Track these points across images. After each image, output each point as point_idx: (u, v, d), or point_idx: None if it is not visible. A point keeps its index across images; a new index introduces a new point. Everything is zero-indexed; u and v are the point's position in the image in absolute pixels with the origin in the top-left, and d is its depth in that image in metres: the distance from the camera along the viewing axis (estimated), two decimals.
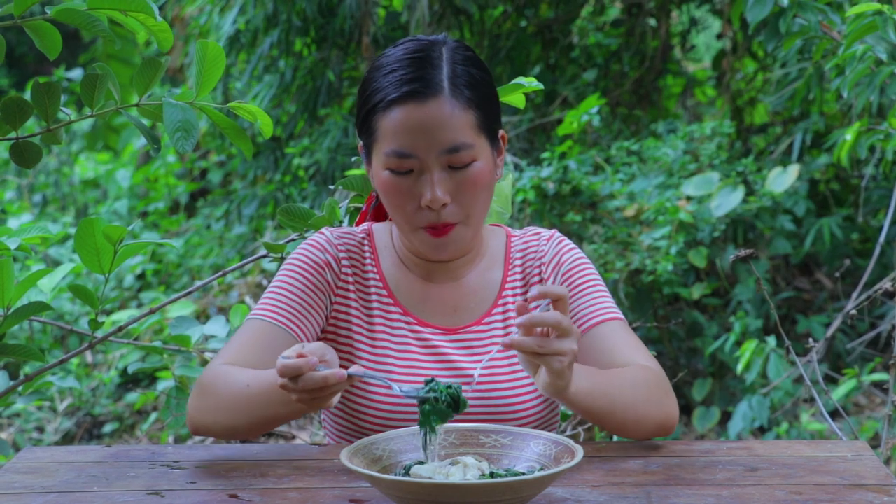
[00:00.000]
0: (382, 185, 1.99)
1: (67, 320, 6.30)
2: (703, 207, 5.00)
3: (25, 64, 11.48)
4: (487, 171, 1.99)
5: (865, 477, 1.82)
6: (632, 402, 1.95)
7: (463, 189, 1.97)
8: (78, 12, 2.07)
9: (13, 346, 2.37)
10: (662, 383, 2.02)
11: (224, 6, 6.08)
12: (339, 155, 5.92)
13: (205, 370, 2.02)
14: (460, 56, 1.99)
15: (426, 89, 1.93)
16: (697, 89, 7.07)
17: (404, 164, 1.96)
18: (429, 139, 1.93)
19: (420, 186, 1.96)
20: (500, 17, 6.45)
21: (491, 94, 2.01)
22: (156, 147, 2.26)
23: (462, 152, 1.95)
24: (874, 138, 3.57)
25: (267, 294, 2.07)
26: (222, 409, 1.94)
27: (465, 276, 2.12)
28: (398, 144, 1.95)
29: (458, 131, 1.94)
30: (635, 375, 2.00)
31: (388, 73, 1.96)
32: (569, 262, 2.12)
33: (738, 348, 4.64)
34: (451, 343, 2.07)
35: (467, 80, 1.96)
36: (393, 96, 1.94)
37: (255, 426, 1.93)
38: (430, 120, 1.93)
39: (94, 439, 5.66)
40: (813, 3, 3.28)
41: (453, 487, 1.60)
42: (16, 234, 2.44)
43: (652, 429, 2.00)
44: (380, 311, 2.09)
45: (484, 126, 1.98)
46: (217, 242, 7.06)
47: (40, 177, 8.49)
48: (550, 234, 2.16)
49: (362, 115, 2.00)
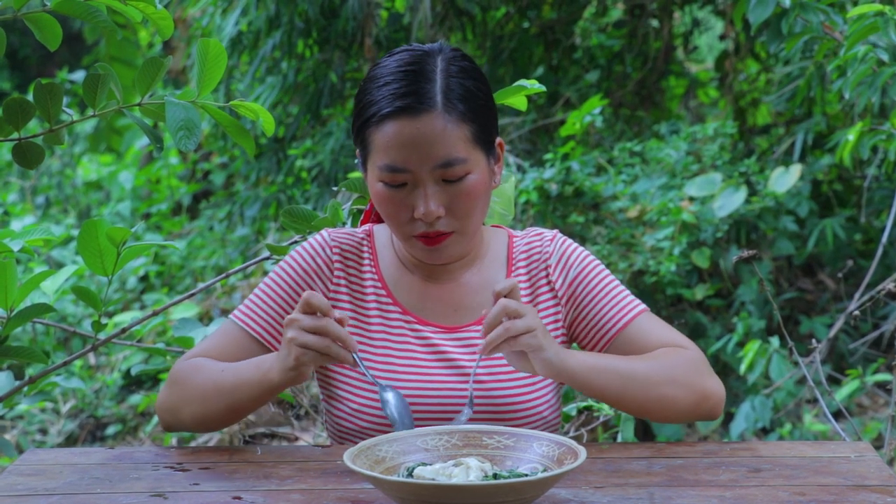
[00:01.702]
0: (377, 197, 2.00)
1: (70, 322, 6.31)
2: (705, 208, 5.00)
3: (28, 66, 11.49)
4: (482, 183, 1.99)
5: (869, 478, 1.82)
6: (651, 381, 1.96)
7: (457, 202, 1.97)
8: (78, 3, 2.07)
9: (16, 348, 2.37)
10: (695, 364, 2.00)
11: (226, 8, 6.08)
12: (342, 156, 5.92)
13: (175, 364, 2.07)
14: (455, 68, 1.97)
15: (419, 104, 1.93)
16: (700, 90, 7.07)
17: (397, 178, 1.96)
18: (421, 154, 1.93)
19: (413, 199, 1.96)
20: (502, 19, 6.44)
21: (486, 105, 2.00)
22: (158, 146, 2.26)
23: (456, 167, 1.94)
24: (876, 139, 3.57)
25: (252, 296, 2.11)
26: (195, 399, 2.00)
27: (466, 276, 2.12)
28: (391, 159, 1.94)
29: (451, 146, 1.94)
30: (659, 355, 2.00)
31: (382, 86, 1.95)
32: (576, 263, 2.12)
33: (741, 349, 4.64)
34: (452, 341, 2.07)
35: (461, 93, 1.95)
36: (386, 111, 1.93)
37: (226, 413, 1.99)
38: (422, 135, 1.93)
39: (97, 441, 5.66)
40: (815, 4, 3.28)
41: (456, 489, 1.60)
42: (19, 236, 2.44)
43: (685, 411, 1.99)
44: (378, 312, 2.10)
45: (478, 138, 1.97)
46: (220, 244, 7.06)
47: (43, 179, 8.49)
48: (553, 234, 2.16)
49: (357, 127, 2.01)
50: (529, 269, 2.14)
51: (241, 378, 1.97)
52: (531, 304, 2.07)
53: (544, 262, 2.14)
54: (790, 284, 5.63)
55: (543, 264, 2.14)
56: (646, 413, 2.00)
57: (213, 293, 6.56)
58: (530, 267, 2.14)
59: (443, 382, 2.04)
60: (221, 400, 1.99)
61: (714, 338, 5.12)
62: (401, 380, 2.03)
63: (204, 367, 2.02)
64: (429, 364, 2.05)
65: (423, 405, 2.02)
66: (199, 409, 2.00)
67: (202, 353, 2.07)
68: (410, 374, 2.04)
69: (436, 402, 2.03)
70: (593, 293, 2.10)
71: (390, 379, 2.03)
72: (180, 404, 2.02)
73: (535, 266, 2.14)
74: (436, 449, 1.81)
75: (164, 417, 2.06)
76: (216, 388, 1.98)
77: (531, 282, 2.13)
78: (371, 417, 2.03)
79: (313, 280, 2.10)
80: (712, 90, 7.18)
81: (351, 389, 2.05)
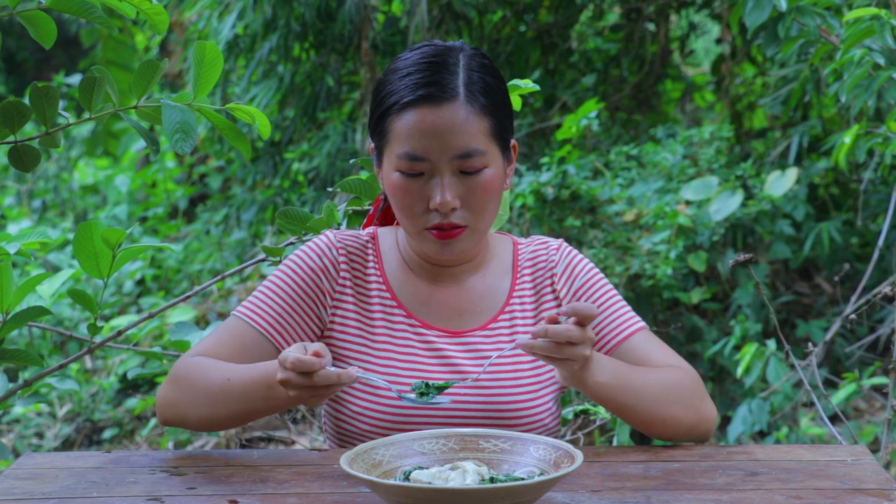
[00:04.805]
0: (392, 187, 2.00)
1: (67, 326, 6.30)
2: (702, 212, 5.01)
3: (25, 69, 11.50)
4: (498, 179, 2.00)
5: (865, 481, 1.82)
6: (659, 399, 1.98)
7: (473, 195, 1.97)
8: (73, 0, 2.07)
9: (12, 351, 2.37)
10: (696, 387, 2.04)
11: (223, 11, 6.08)
12: (339, 160, 5.92)
13: (179, 361, 2.04)
14: (477, 63, 1.99)
15: (442, 93, 1.94)
16: (696, 94, 7.08)
17: (416, 167, 1.96)
18: (442, 143, 1.94)
19: (430, 189, 1.97)
20: (499, 22, 6.45)
21: (505, 102, 2.02)
22: (155, 149, 2.26)
23: (474, 158, 1.96)
24: (872, 142, 3.57)
25: (256, 292, 2.09)
26: (202, 403, 1.98)
27: (471, 281, 2.12)
28: (411, 147, 1.95)
29: (471, 137, 1.95)
30: (666, 375, 2.02)
31: (405, 77, 1.97)
32: (581, 274, 2.13)
33: (738, 352, 4.64)
34: (455, 346, 2.07)
35: (483, 86, 1.97)
36: (408, 99, 1.95)
37: (233, 419, 1.98)
38: (443, 124, 1.94)
39: (93, 445, 5.65)
40: (811, 8, 3.29)
41: (453, 492, 1.60)
42: (15, 240, 2.44)
43: (683, 431, 2.02)
44: (382, 314, 2.09)
45: (497, 134, 1.99)
46: (216, 247, 7.06)
47: (40, 182, 8.49)
48: (558, 243, 2.17)
49: (376, 117, 2.01)
50: (535, 277, 2.14)
51: (248, 394, 1.94)
52: (535, 311, 2.10)
53: (549, 270, 2.14)
54: (787, 288, 5.64)
55: (549, 273, 2.14)
56: (646, 428, 2.01)
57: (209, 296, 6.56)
58: (535, 275, 2.14)
59: None
60: (230, 407, 1.96)
61: (710, 341, 5.12)
62: (403, 383, 2.03)
63: (210, 370, 1.99)
64: (431, 368, 2.05)
65: (425, 410, 2.01)
66: (206, 413, 1.98)
67: (207, 351, 2.04)
68: (413, 377, 2.03)
69: (437, 406, 2.02)
70: (596, 304, 2.10)
71: (392, 382, 2.03)
72: (185, 404, 2.00)
73: (540, 274, 2.14)
74: (432, 453, 1.81)
75: (165, 413, 2.03)
76: (224, 396, 1.96)
77: (536, 289, 2.13)
78: (374, 420, 2.03)
79: (319, 279, 2.09)
80: (709, 94, 7.19)
81: (353, 392, 2.05)
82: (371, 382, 1.96)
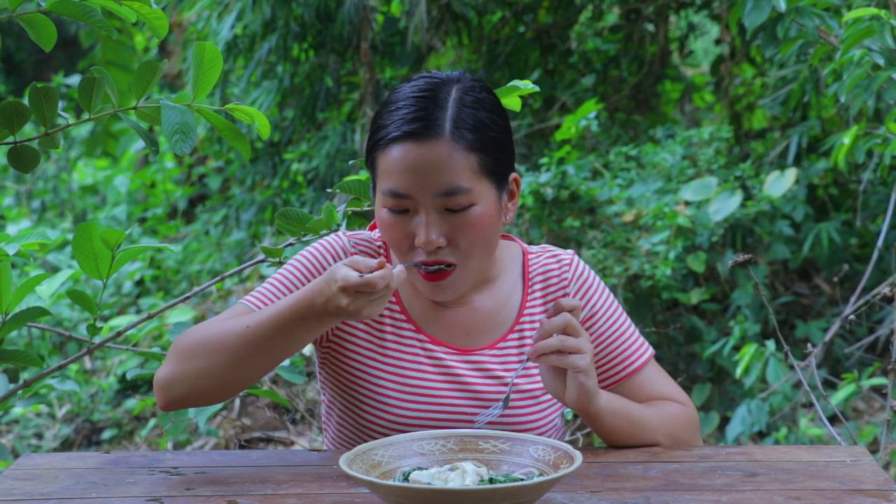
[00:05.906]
0: (381, 222, 1.98)
1: (66, 327, 6.30)
2: (701, 212, 5.00)
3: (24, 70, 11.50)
4: (487, 216, 1.95)
5: (864, 482, 1.83)
6: (657, 432, 2.03)
7: (460, 233, 1.93)
8: (72, 3, 2.06)
9: (12, 352, 2.37)
10: (692, 423, 2.09)
11: (222, 11, 6.08)
12: (338, 160, 5.92)
13: (177, 339, 1.95)
14: (471, 98, 1.94)
15: (426, 130, 1.90)
16: (696, 94, 7.07)
17: (400, 204, 1.93)
18: (424, 180, 1.90)
19: (415, 226, 1.93)
20: (498, 23, 6.45)
21: (500, 138, 1.96)
22: (154, 150, 2.26)
23: (458, 196, 1.91)
24: (872, 143, 3.57)
25: (267, 283, 2.05)
26: (217, 364, 1.88)
27: (478, 299, 2.08)
28: (394, 184, 1.92)
29: (455, 174, 1.90)
30: (666, 410, 2.07)
31: (394, 111, 1.94)
32: (595, 296, 2.12)
33: (737, 353, 4.64)
34: (464, 364, 2.05)
35: (472, 123, 1.92)
36: (393, 135, 1.92)
37: (258, 370, 1.89)
38: (426, 161, 1.90)
39: (92, 445, 5.65)
40: (810, 9, 3.29)
41: (452, 493, 1.60)
42: (14, 240, 2.43)
43: None
44: (392, 327, 2.06)
45: (488, 170, 1.94)
46: (215, 248, 7.05)
47: (39, 183, 8.49)
48: (570, 257, 2.14)
49: (367, 150, 1.99)
50: (546, 294, 2.11)
51: (277, 332, 1.84)
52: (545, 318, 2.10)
53: (562, 288, 2.11)
54: (786, 288, 5.64)
55: (560, 291, 2.11)
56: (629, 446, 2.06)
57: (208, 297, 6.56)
58: (546, 290, 2.11)
59: (452, 405, 2.02)
60: (253, 357, 1.87)
61: (710, 342, 5.12)
62: (410, 398, 2.01)
63: (221, 327, 1.89)
64: (439, 385, 2.03)
65: (432, 426, 1.99)
66: (223, 374, 1.87)
67: None
68: (420, 393, 2.02)
69: (444, 424, 2.01)
70: (608, 332, 2.11)
71: (401, 398, 2.01)
72: (196, 374, 1.88)
73: (551, 291, 2.11)
74: (432, 453, 1.81)
75: (170, 392, 1.91)
76: (244, 346, 1.86)
77: (546, 304, 2.11)
78: (400, 412, 2.01)
79: None
80: (708, 94, 7.18)
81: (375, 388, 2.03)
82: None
